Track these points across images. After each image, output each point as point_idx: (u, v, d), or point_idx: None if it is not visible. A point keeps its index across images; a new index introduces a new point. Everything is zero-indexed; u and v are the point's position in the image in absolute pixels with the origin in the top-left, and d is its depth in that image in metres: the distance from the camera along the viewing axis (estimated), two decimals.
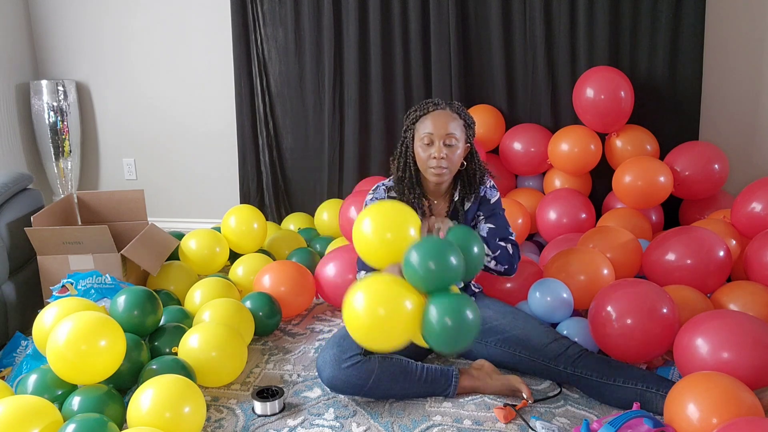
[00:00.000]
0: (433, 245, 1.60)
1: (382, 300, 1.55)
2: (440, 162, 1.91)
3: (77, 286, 2.20)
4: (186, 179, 3.79)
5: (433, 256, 1.57)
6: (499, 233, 2.03)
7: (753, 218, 2.45)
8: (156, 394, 1.62)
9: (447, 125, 1.91)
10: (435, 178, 1.95)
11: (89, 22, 3.67)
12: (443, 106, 1.95)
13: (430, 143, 1.92)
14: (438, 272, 1.57)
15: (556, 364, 1.89)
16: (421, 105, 1.98)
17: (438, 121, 1.92)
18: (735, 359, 1.62)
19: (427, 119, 1.94)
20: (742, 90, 3.08)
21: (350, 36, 3.26)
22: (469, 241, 1.72)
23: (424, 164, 1.95)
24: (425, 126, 1.93)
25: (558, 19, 3.04)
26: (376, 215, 1.70)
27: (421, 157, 1.95)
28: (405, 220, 1.68)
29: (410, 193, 1.99)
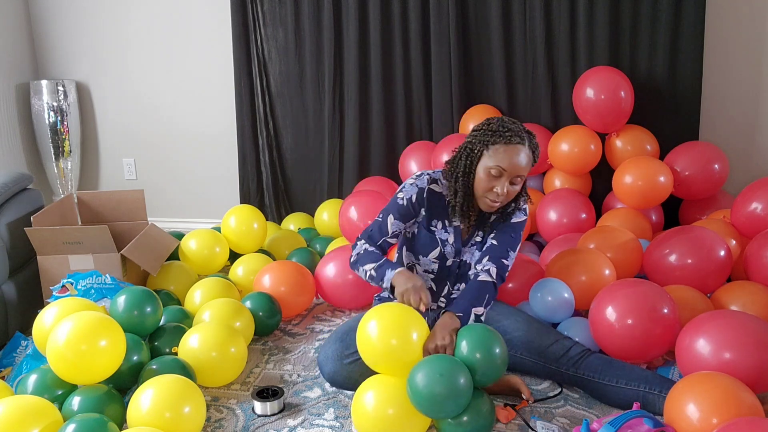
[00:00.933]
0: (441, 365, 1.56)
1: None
2: (499, 198, 1.80)
3: (77, 286, 2.19)
4: (186, 179, 3.79)
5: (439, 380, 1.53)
6: (495, 254, 1.89)
7: (753, 218, 2.45)
8: (156, 394, 1.62)
9: (521, 165, 1.78)
10: (487, 208, 1.85)
11: (89, 22, 3.67)
12: (524, 140, 1.79)
13: (498, 176, 1.79)
14: (446, 397, 1.54)
15: (558, 365, 1.89)
16: (502, 128, 1.79)
17: (515, 158, 1.77)
18: (737, 360, 1.61)
19: (505, 151, 1.77)
20: (742, 90, 3.08)
21: (350, 36, 3.26)
22: (489, 342, 1.64)
23: (482, 191, 1.82)
24: (500, 157, 1.77)
25: (558, 19, 3.04)
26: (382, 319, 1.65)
27: (481, 183, 1.81)
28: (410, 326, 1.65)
29: (467, 209, 1.87)
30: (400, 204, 1.91)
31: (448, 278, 1.99)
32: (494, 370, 1.64)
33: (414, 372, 1.58)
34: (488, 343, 1.63)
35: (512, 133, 1.77)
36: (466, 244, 1.96)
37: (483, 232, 1.95)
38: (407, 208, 1.91)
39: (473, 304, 1.79)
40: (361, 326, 1.68)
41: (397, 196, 1.93)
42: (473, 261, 1.96)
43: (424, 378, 1.55)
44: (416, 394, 1.56)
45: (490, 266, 1.87)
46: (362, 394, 1.66)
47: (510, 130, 1.78)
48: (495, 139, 1.78)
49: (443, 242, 1.95)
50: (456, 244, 1.95)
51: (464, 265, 1.98)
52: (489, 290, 1.83)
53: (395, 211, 1.92)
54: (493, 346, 1.64)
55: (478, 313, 1.80)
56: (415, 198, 1.90)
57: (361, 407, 1.64)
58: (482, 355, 1.61)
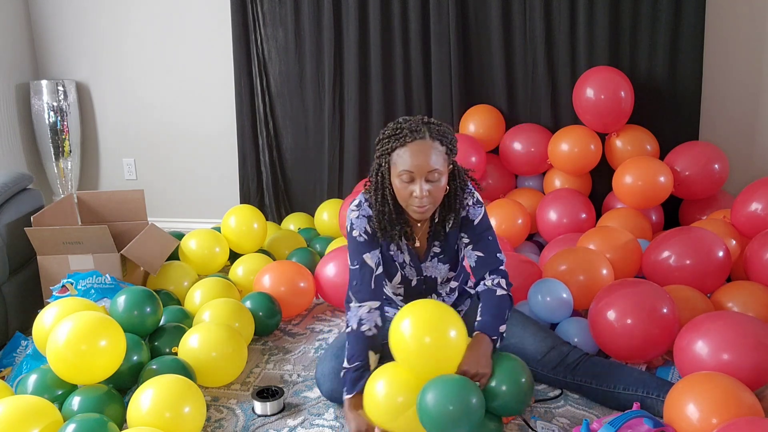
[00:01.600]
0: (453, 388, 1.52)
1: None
2: (422, 201, 1.67)
3: (77, 286, 2.20)
4: (186, 179, 3.79)
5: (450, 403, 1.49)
6: (489, 263, 1.81)
7: (753, 218, 2.45)
8: (156, 394, 1.63)
9: (429, 160, 1.64)
10: (417, 215, 1.73)
11: (89, 22, 3.67)
12: (422, 133, 1.65)
13: (411, 180, 1.66)
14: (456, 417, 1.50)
15: (555, 373, 1.88)
16: (395, 131, 1.68)
17: (418, 156, 1.64)
18: (736, 360, 1.62)
19: (405, 152, 1.65)
20: (742, 90, 3.07)
21: (350, 36, 3.26)
22: (516, 374, 1.62)
23: (404, 200, 1.71)
24: (403, 161, 1.65)
25: (558, 19, 3.04)
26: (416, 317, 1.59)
27: (400, 193, 1.70)
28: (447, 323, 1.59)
29: (392, 229, 1.77)
30: (361, 241, 1.79)
31: (417, 296, 1.91)
32: (520, 401, 1.63)
33: (424, 393, 1.54)
34: (516, 376, 1.62)
35: (407, 131, 1.65)
36: (425, 259, 1.86)
37: (440, 242, 1.85)
38: (369, 239, 1.80)
39: (498, 322, 1.74)
40: (395, 324, 1.61)
41: (352, 235, 1.80)
42: (439, 275, 1.90)
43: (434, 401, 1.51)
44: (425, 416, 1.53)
45: (498, 279, 1.80)
46: (373, 382, 1.62)
47: (403, 128, 1.67)
48: (393, 145, 1.67)
49: (401, 265, 1.86)
50: (413, 263, 1.86)
51: (429, 281, 1.91)
52: (507, 304, 1.79)
53: (363, 248, 1.79)
54: (519, 377, 1.62)
55: (502, 330, 1.76)
56: (368, 228, 1.79)
57: (371, 395, 1.61)
58: (508, 388, 1.60)
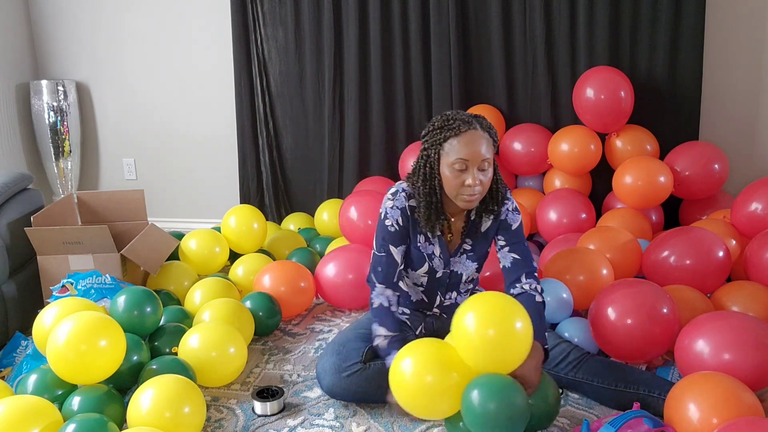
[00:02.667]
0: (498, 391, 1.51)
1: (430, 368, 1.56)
2: (474, 189, 1.71)
3: (77, 286, 2.19)
4: (186, 179, 3.79)
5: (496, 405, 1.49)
6: (525, 266, 1.86)
7: (753, 218, 2.45)
8: (156, 394, 1.62)
9: (482, 149, 1.71)
10: (466, 205, 1.77)
11: (89, 22, 3.66)
12: (474, 125, 1.72)
13: (464, 169, 1.71)
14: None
15: (557, 371, 1.88)
16: (448, 122, 1.74)
17: (473, 145, 1.70)
18: (736, 360, 1.61)
19: (459, 142, 1.70)
20: (742, 90, 3.08)
21: (350, 36, 3.26)
22: (544, 389, 1.66)
23: (455, 190, 1.74)
24: (457, 150, 1.70)
25: (558, 19, 3.04)
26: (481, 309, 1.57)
27: (450, 182, 1.74)
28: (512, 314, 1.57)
29: (436, 219, 1.80)
30: (392, 231, 1.84)
31: (439, 289, 1.96)
32: (548, 414, 1.68)
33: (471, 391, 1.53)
34: (544, 391, 1.66)
35: (460, 122, 1.72)
36: (455, 254, 1.90)
37: (472, 240, 1.90)
38: (400, 232, 1.84)
39: (545, 329, 1.81)
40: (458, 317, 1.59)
41: (384, 224, 1.84)
42: (465, 272, 1.93)
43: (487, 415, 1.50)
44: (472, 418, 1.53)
45: (535, 284, 1.85)
46: (400, 361, 1.60)
47: (456, 120, 1.73)
48: (446, 135, 1.72)
49: (430, 257, 1.89)
50: (443, 255, 1.89)
51: (455, 276, 1.94)
52: (545, 310, 1.86)
53: (392, 240, 1.84)
54: (548, 392, 1.67)
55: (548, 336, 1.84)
56: (401, 220, 1.83)
57: (398, 374, 1.58)
58: (536, 401, 1.63)
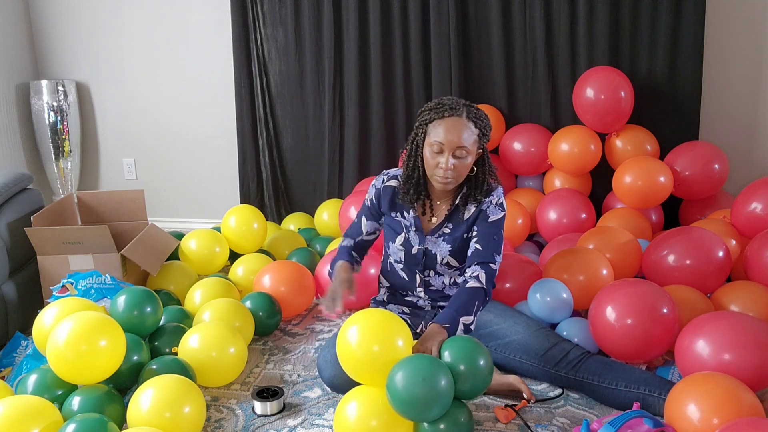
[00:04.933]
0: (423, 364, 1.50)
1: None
2: (446, 173, 1.80)
3: (77, 286, 2.19)
4: (186, 179, 3.79)
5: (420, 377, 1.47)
6: (482, 256, 1.86)
7: (753, 218, 2.45)
8: (156, 394, 1.62)
9: (460, 137, 1.78)
10: (440, 186, 1.86)
11: (89, 22, 3.66)
12: (460, 112, 1.79)
13: (440, 152, 1.80)
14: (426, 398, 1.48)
15: (557, 369, 1.88)
16: (438, 105, 1.83)
17: (451, 131, 1.78)
18: (736, 361, 1.61)
19: (441, 125, 1.79)
20: (742, 90, 3.08)
21: (350, 36, 3.26)
22: (473, 354, 1.58)
23: (431, 170, 1.85)
24: (437, 133, 1.80)
25: (558, 19, 3.04)
26: (364, 325, 1.59)
27: (428, 162, 1.85)
28: (394, 332, 1.58)
29: (415, 193, 1.92)
30: (367, 206, 2.07)
31: (417, 267, 1.99)
32: (479, 382, 1.58)
33: (393, 372, 1.52)
34: (473, 356, 1.57)
35: (447, 107, 1.80)
36: (433, 233, 1.95)
37: (452, 225, 1.94)
38: (372, 208, 2.05)
39: (461, 313, 1.76)
40: (342, 333, 1.62)
41: (365, 198, 2.07)
42: (439, 253, 1.95)
43: (403, 380, 1.49)
44: (395, 396, 1.50)
45: (478, 272, 1.84)
46: (345, 405, 1.59)
47: (444, 104, 1.81)
48: (432, 116, 1.82)
49: (407, 228, 1.98)
50: (419, 233, 1.96)
51: (430, 255, 1.96)
52: (478, 297, 1.80)
53: (365, 212, 2.08)
54: (477, 358, 1.58)
55: (467, 322, 1.77)
56: (374, 198, 2.03)
57: (343, 419, 1.58)
58: (467, 367, 1.55)
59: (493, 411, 1.83)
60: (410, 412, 1.51)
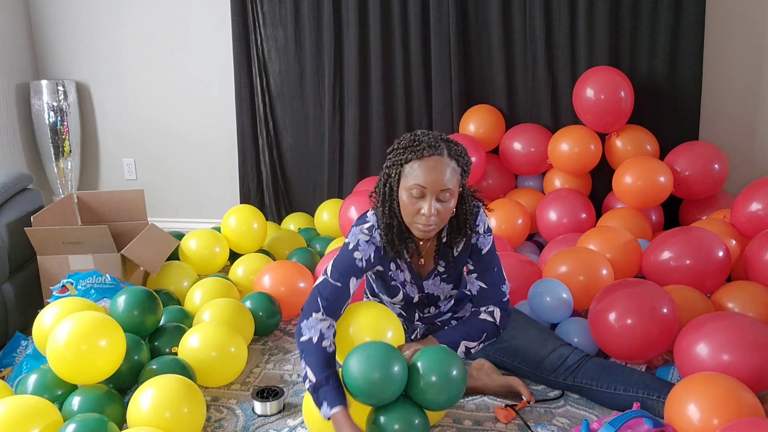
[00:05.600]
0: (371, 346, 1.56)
1: None
2: (429, 220, 1.61)
3: (77, 286, 2.19)
4: (186, 179, 3.79)
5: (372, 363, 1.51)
6: (491, 296, 1.81)
7: (753, 218, 2.45)
8: (156, 394, 1.63)
9: (443, 178, 1.58)
10: (421, 234, 1.67)
11: (89, 22, 3.66)
12: (440, 150, 1.60)
13: (421, 196, 1.60)
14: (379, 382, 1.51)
15: (555, 376, 1.88)
16: (413, 142, 1.62)
17: (433, 172, 1.58)
18: (736, 361, 1.61)
19: (421, 166, 1.59)
20: (742, 90, 3.08)
21: (350, 36, 3.26)
22: (445, 364, 1.55)
23: (410, 217, 1.64)
24: (416, 175, 1.59)
25: (558, 19, 3.03)
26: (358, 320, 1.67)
27: (406, 208, 1.63)
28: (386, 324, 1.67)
29: (400, 242, 1.71)
30: (358, 266, 1.71)
31: (417, 309, 1.95)
32: (452, 392, 1.56)
33: (348, 356, 1.58)
34: (445, 366, 1.55)
35: (425, 145, 1.59)
36: (428, 277, 1.85)
37: (444, 262, 1.82)
38: (367, 267, 1.74)
39: (464, 338, 1.74)
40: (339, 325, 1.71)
41: (352, 255, 1.71)
42: (442, 293, 1.90)
43: (352, 361, 1.56)
44: (346, 378, 1.56)
45: (494, 309, 1.82)
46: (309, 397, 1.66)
47: (422, 142, 1.60)
48: (408, 156, 1.60)
49: (402, 284, 1.84)
50: (415, 281, 1.84)
51: (431, 297, 1.90)
52: (488, 329, 1.80)
53: (355, 272, 1.71)
54: (449, 368, 1.55)
55: (470, 346, 1.75)
56: (373, 258, 1.73)
57: (311, 407, 1.63)
58: (438, 377, 1.54)
59: (493, 411, 1.83)
60: (359, 394, 1.55)
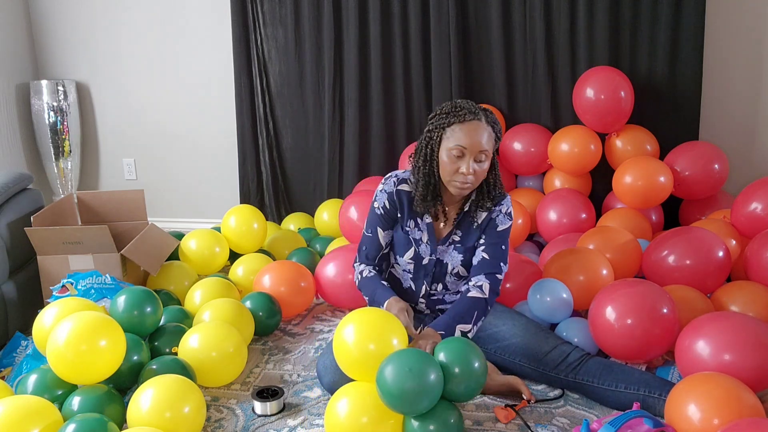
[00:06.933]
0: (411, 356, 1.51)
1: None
2: (467, 178, 1.76)
3: (77, 286, 2.19)
4: (186, 179, 3.79)
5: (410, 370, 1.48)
6: (488, 266, 1.88)
7: (753, 218, 2.45)
8: (156, 394, 1.62)
9: (482, 141, 1.75)
10: (457, 192, 1.81)
11: (89, 22, 3.67)
12: (479, 116, 1.77)
13: (461, 156, 1.75)
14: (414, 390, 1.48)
15: (557, 372, 1.87)
16: (455, 109, 1.78)
17: (474, 135, 1.74)
18: (737, 361, 1.61)
19: (462, 129, 1.75)
20: (742, 90, 3.08)
21: (350, 36, 3.26)
22: (467, 356, 1.57)
23: (449, 175, 1.79)
24: (458, 137, 1.75)
25: (558, 19, 3.04)
26: (360, 324, 1.61)
27: (446, 167, 1.78)
28: (389, 331, 1.60)
29: (432, 199, 1.85)
30: (379, 214, 1.93)
31: (425, 277, 1.97)
32: (473, 383, 1.58)
33: (382, 366, 1.53)
34: (467, 357, 1.57)
35: (466, 111, 1.76)
36: (444, 242, 1.93)
37: (462, 232, 1.92)
38: (387, 215, 1.93)
39: (458, 321, 1.77)
40: (338, 333, 1.63)
41: (373, 206, 1.94)
42: (450, 262, 1.94)
43: (392, 371, 1.50)
44: (384, 389, 1.51)
45: (483, 282, 1.86)
46: (335, 402, 1.60)
47: (463, 108, 1.77)
48: (450, 120, 1.76)
49: (417, 241, 1.93)
50: (431, 242, 1.92)
51: (441, 265, 1.95)
52: (479, 307, 1.83)
53: (379, 222, 1.94)
54: (471, 359, 1.57)
55: (465, 330, 1.78)
56: (388, 204, 1.91)
57: (334, 415, 1.59)
58: (461, 368, 1.56)
59: (493, 411, 1.83)
60: (398, 404, 1.51)
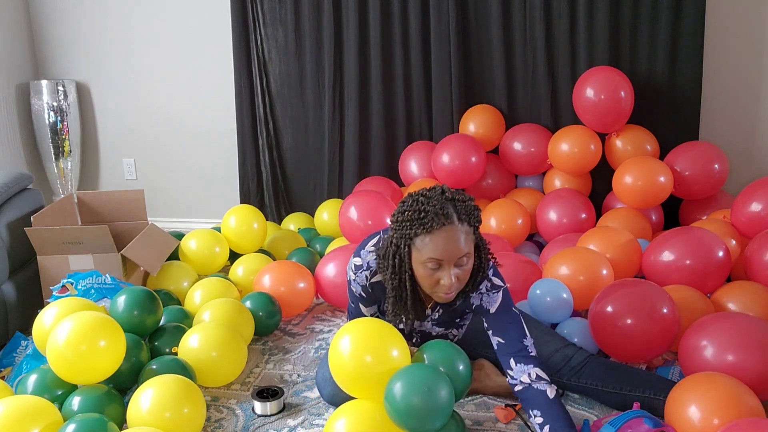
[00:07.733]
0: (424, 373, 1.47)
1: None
2: (450, 288, 1.54)
3: (77, 286, 2.19)
4: (186, 179, 3.79)
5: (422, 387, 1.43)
6: (511, 350, 1.64)
7: (753, 218, 2.45)
8: (156, 394, 1.62)
9: (459, 246, 1.50)
10: (443, 300, 1.61)
11: (89, 22, 3.66)
12: (450, 218, 1.49)
13: (438, 268, 1.52)
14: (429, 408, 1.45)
15: (560, 376, 1.86)
16: (419, 215, 1.50)
17: (447, 243, 1.49)
18: (740, 362, 1.61)
19: (432, 240, 1.49)
20: (742, 90, 3.08)
21: (350, 36, 3.26)
22: (452, 358, 1.58)
23: (429, 288, 1.58)
24: (430, 249, 1.50)
25: (558, 19, 3.03)
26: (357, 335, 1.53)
27: (424, 280, 1.57)
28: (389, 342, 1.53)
29: (406, 315, 1.66)
30: (359, 296, 1.76)
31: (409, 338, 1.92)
32: (459, 386, 1.59)
33: (393, 382, 1.48)
34: (452, 360, 1.60)
35: (432, 216, 1.49)
36: (423, 320, 1.82)
37: (442, 309, 1.80)
38: (368, 298, 1.76)
39: (570, 428, 1.54)
40: (334, 344, 1.56)
41: (350, 288, 1.77)
42: (432, 332, 1.88)
43: (404, 389, 1.45)
44: (395, 407, 1.46)
45: (531, 370, 1.61)
46: (333, 422, 1.54)
47: (428, 213, 1.49)
48: (416, 231, 1.50)
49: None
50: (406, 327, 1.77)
51: (424, 334, 1.90)
52: (557, 398, 1.60)
53: (360, 300, 1.78)
54: (456, 363, 1.60)
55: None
56: (364, 294, 1.75)
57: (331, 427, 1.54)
58: (446, 371, 1.56)
59: (493, 411, 1.83)
60: (412, 423, 1.47)
